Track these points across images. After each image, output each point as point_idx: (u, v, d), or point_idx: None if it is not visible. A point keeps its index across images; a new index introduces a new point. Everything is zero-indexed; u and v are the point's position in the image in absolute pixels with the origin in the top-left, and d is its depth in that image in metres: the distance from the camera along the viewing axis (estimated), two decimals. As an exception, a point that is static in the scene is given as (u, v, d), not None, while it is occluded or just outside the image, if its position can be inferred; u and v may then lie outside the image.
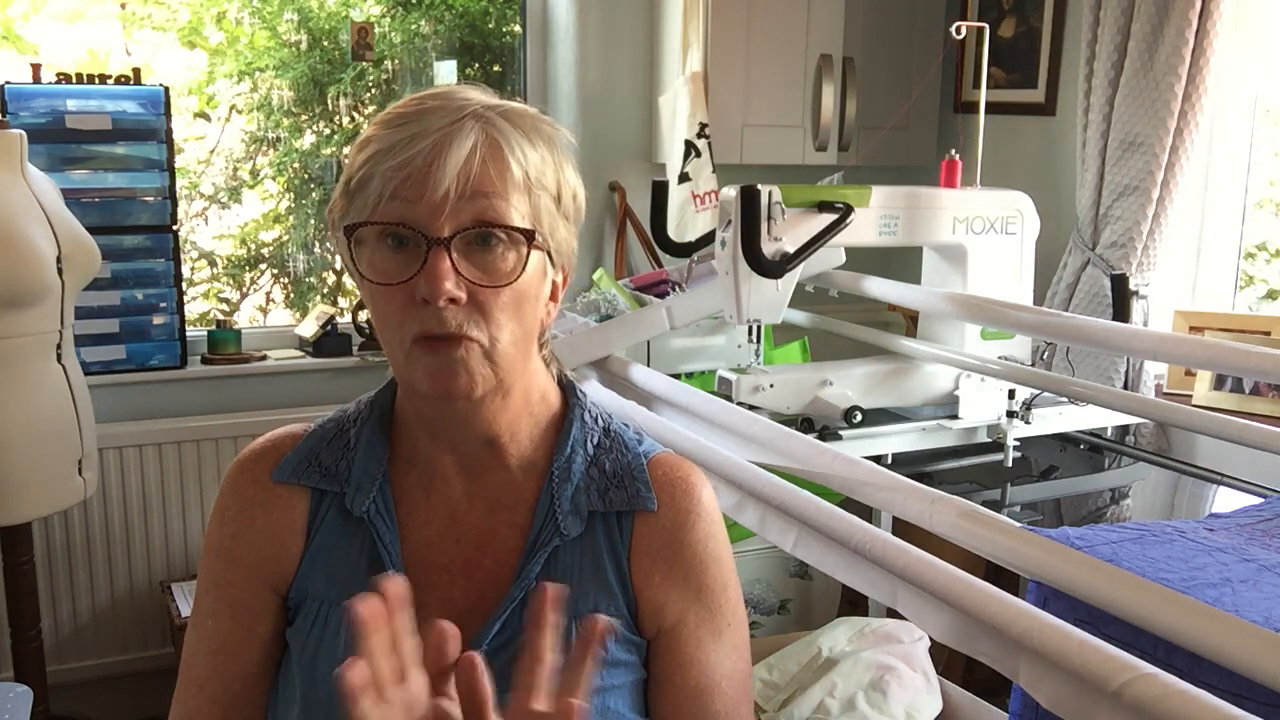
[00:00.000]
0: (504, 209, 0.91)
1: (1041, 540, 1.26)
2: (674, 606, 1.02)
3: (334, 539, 1.02)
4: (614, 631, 0.98)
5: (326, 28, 3.30)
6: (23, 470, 2.32)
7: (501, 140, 0.92)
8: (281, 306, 3.52)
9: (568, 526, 1.00)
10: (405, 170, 0.89)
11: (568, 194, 0.99)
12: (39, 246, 2.28)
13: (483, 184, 0.90)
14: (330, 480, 1.03)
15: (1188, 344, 1.82)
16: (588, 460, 1.04)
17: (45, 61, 2.72)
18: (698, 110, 3.00)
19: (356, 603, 0.78)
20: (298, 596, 1.01)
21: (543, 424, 1.04)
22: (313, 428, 1.07)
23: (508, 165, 0.92)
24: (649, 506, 1.02)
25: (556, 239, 0.98)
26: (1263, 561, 1.34)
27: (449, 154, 0.89)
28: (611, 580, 1.01)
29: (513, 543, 1.01)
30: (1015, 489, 2.24)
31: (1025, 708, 1.30)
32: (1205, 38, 2.47)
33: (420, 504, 1.02)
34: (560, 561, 1.00)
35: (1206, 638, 1.06)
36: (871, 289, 2.31)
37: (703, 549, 1.03)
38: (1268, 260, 2.92)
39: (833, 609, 2.90)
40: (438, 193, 0.89)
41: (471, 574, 1.01)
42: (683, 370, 2.49)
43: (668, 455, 1.07)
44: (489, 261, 0.92)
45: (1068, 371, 2.60)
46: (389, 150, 0.90)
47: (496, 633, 0.98)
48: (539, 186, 0.94)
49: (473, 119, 0.92)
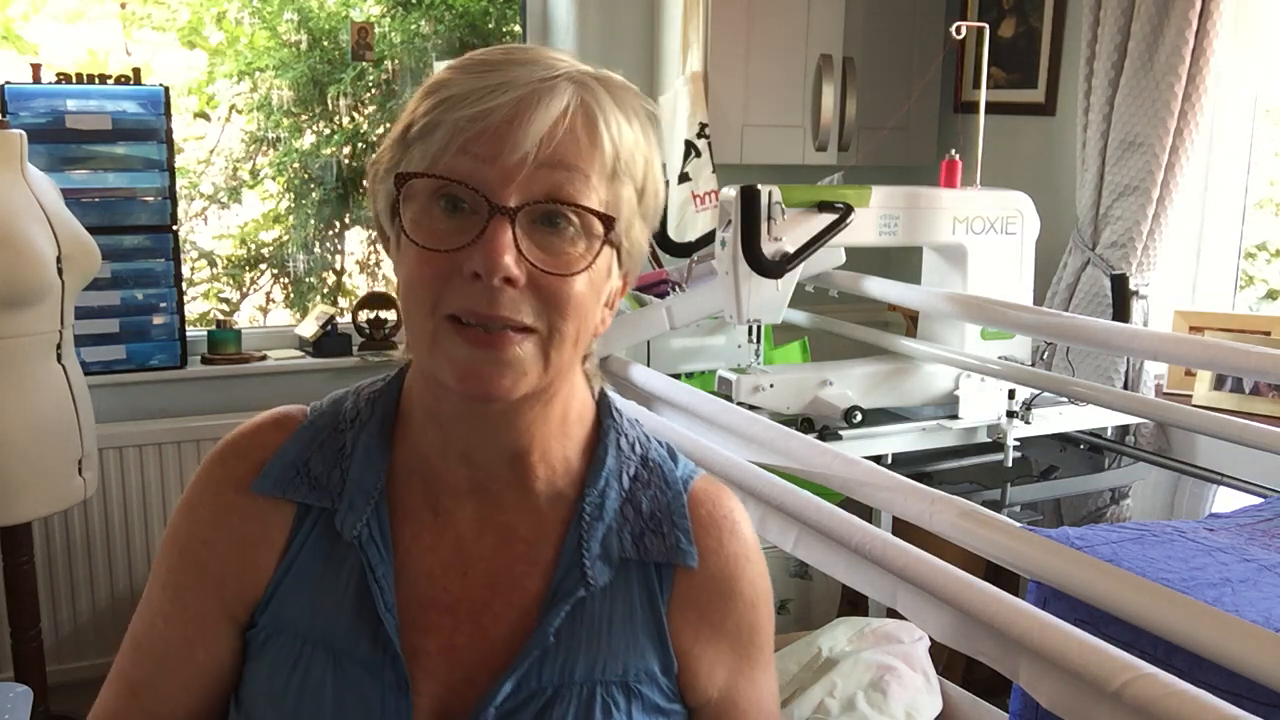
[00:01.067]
0: (583, 189, 0.78)
1: (1041, 540, 1.26)
2: (727, 664, 0.92)
3: (319, 565, 0.87)
4: (641, 699, 0.87)
5: (326, 28, 3.30)
6: (23, 470, 2.32)
7: (598, 110, 0.79)
8: (281, 306, 3.52)
9: (595, 574, 0.86)
10: (481, 124, 0.76)
11: (652, 189, 0.86)
12: (39, 246, 2.28)
13: (567, 155, 0.77)
14: (319, 494, 0.88)
15: (1188, 344, 1.82)
16: (622, 497, 0.89)
17: (45, 61, 2.72)
18: (698, 110, 3.00)
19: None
20: (269, 626, 0.87)
21: (575, 446, 0.90)
22: (305, 419, 0.92)
23: (600, 139, 0.79)
24: (689, 563, 0.88)
25: (631, 238, 0.85)
26: (1263, 561, 1.34)
27: (535, 113, 0.76)
28: (645, 637, 0.88)
29: (530, 585, 0.87)
30: (1015, 489, 2.24)
31: (1025, 708, 1.30)
32: (1205, 38, 2.46)
33: (425, 527, 0.87)
34: (586, 614, 0.86)
35: (1206, 638, 1.06)
36: (871, 289, 2.31)
37: (754, 592, 0.93)
38: (1268, 260, 2.92)
39: (833, 609, 2.90)
40: (514, 156, 0.76)
41: (479, 618, 0.86)
42: (683, 370, 2.48)
43: (707, 486, 0.93)
44: (556, 245, 0.79)
45: (1068, 371, 2.60)
46: (465, 97, 0.77)
47: (508, 694, 0.84)
48: (626, 173, 0.81)
49: (568, 80, 0.79)
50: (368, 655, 0.84)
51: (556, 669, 0.85)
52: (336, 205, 3.38)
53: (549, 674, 0.85)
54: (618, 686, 0.86)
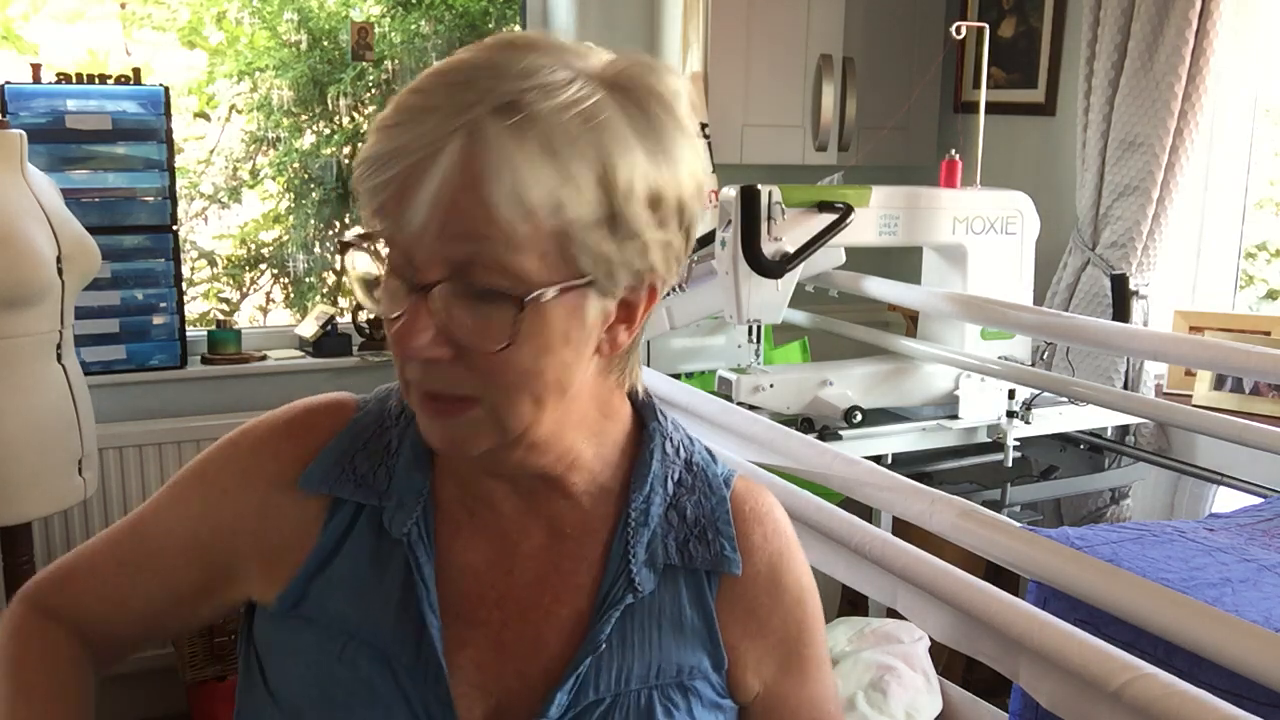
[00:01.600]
0: (502, 252, 0.71)
1: (1041, 540, 1.27)
2: (775, 656, 0.92)
3: (365, 562, 0.87)
4: (699, 697, 0.88)
5: (326, 28, 3.30)
6: (23, 470, 2.32)
7: (485, 169, 0.71)
8: (281, 306, 3.52)
9: (642, 581, 0.86)
10: (380, 198, 0.73)
11: (635, 203, 0.75)
12: (39, 246, 2.28)
13: (465, 225, 0.71)
14: (366, 491, 0.87)
15: (1188, 344, 1.82)
16: (666, 502, 0.89)
17: (45, 61, 2.72)
18: (698, 110, 3.00)
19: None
20: (308, 614, 0.87)
21: (610, 443, 0.89)
22: (358, 410, 0.92)
23: (488, 202, 0.70)
24: (733, 570, 0.89)
25: (608, 265, 0.76)
26: (1263, 561, 1.34)
27: (419, 187, 0.71)
28: (695, 638, 0.88)
29: (580, 580, 0.87)
30: (1015, 489, 2.24)
31: (1025, 708, 1.30)
32: (1205, 38, 2.46)
33: (464, 525, 0.88)
34: (636, 620, 0.87)
35: (1206, 638, 1.06)
36: (871, 289, 2.31)
37: (799, 589, 0.93)
38: (1268, 260, 2.92)
39: (833, 609, 2.90)
40: (413, 227, 0.72)
41: (528, 614, 0.86)
42: (683, 370, 2.48)
43: (746, 485, 0.94)
44: (485, 312, 0.73)
45: (1068, 371, 2.60)
46: (371, 163, 0.74)
47: (565, 705, 0.84)
48: (556, 213, 0.72)
49: (464, 132, 0.71)
50: (412, 658, 0.84)
51: (612, 677, 0.85)
52: (336, 205, 3.38)
53: (605, 683, 0.85)
54: (674, 687, 0.87)
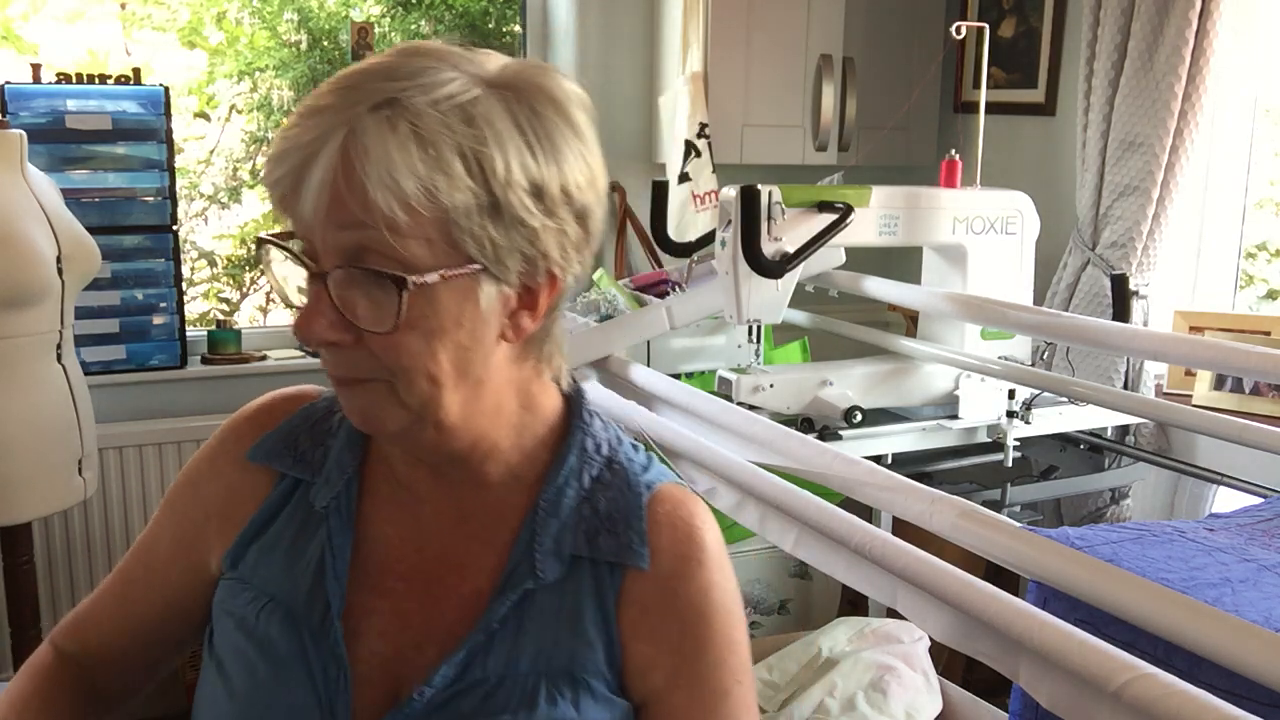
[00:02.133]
0: (383, 240, 0.77)
1: (1041, 540, 1.26)
2: (666, 664, 0.89)
3: (293, 531, 0.94)
4: (589, 691, 0.88)
5: (326, 28, 3.30)
6: (23, 470, 2.32)
7: (357, 162, 0.76)
8: (281, 306, 3.52)
9: (545, 569, 0.88)
10: (280, 190, 0.80)
11: (515, 192, 0.79)
12: (39, 246, 2.28)
13: (346, 212, 0.77)
14: (302, 467, 0.95)
15: (1188, 344, 1.82)
16: (580, 496, 0.91)
17: (45, 61, 2.72)
18: (698, 110, 3.00)
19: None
20: (243, 576, 0.94)
21: (532, 435, 0.92)
22: (315, 400, 1.01)
23: (363, 188, 0.76)
24: (640, 564, 0.89)
25: (495, 250, 0.80)
26: (1263, 561, 1.34)
27: (308, 182, 0.78)
28: (592, 631, 0.89)
29: (485, 562, 0.90)
30: (1015, 489, 2.24)
31: (1025, 708, 1.30)
32: (1205, 38, 2.47)
33: (388, 500, 0.94)
34: (534, 606, 0.89)
35: (1206, 638, 1.06)
36: (871, 289, 2.31)
37: (703, 599, 0.90)
38: (1268, 260, 2.92)
39: (833, 609, 2.90)
40: (303, 222, 0.79)
41: (432, 588, 0.90)
42: (683, 370, 2.48)
43: (672, 490, 0.94)
44: (377, 297, 0.78)
45: (1068, 371, 2.60)
46: (270, 161, 0.81)
47: (451, 680, 0.86)
48: (433, 200, 0.76)
49: (345, 127, 0.77)
50: (319, 621, 0.89)
51: (501, 660, 0.87)
52: (336, 205, 3.38)
53: (494, 664, 0.87)
54: (564, 677, 0.87)
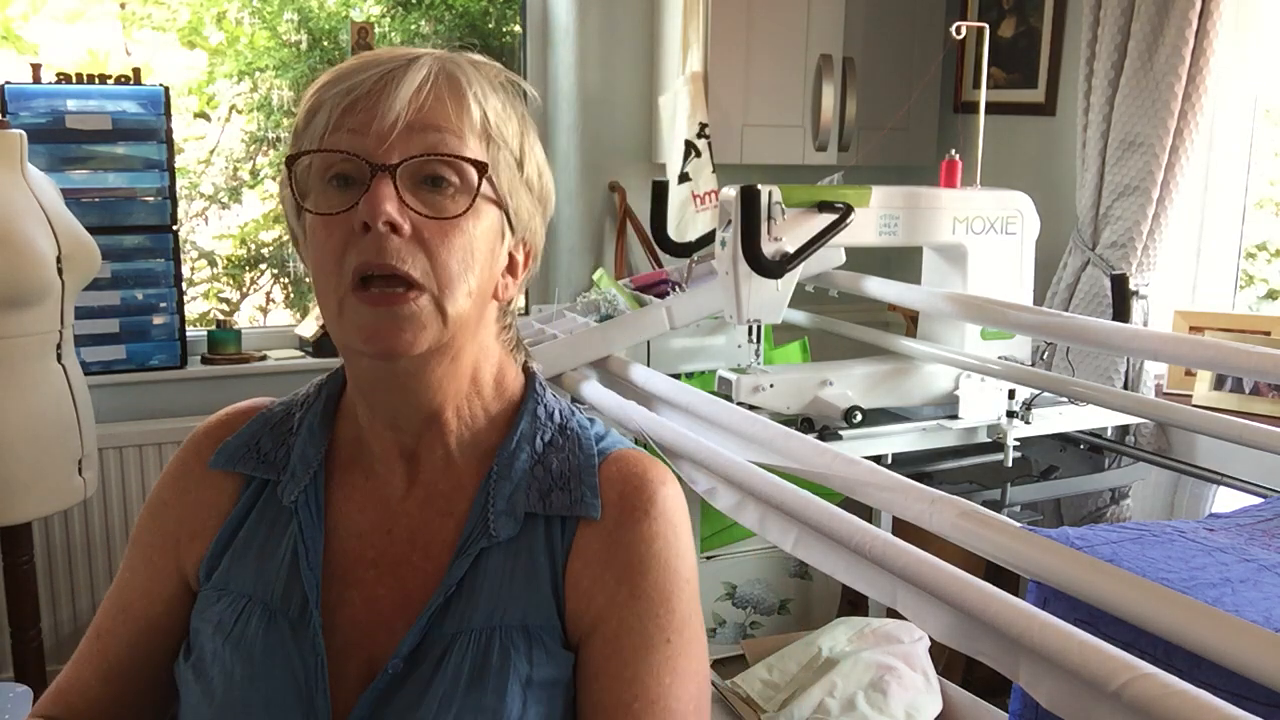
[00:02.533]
0: (457, 145, 0.85)
1: (1041, 540, 1.26)
2: (598, 605, 0.90)
3: (264, 531, 0.95)
4: (542, 644, 0.90)
5: (326, 28, 3.30)
6: (23, 470, 2.32)
7: (460, 75, 0.87)
8: (281, 306, 3.52)
9: (498, 528, 0.91)
10: (352, 95, 0.84)
11: (532, 165, 0.92)
12: (39, 246, 2.28)
13: (435, 117, 0.85)
14: (268, 468, 0.97)
15: (1188, 344, 1.82)
16: (534, 459, 0.94)
17: (45, 61, 2.72)
18: (698, 110, 3.00)
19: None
20: (219, 586, 0.95)
21: (494, 409, 0.96)
22: (269, 408, 1.03)
23: (464, 101, 0.86)
24: (591, 514, 0.91)
25: (516, 202, 0.91)
26: (1263, 561, 1.33)
27: (401, 81, 0.84)
28: (544, 589, 0.91)
29: (445, 537, 0.93)
30: (1015, 489, 2.24)
31: (1025, 708, 1.30)
32: (1205, 38, 2.46)
33: (357, 491, 0.96)
34: (489, 565, 0.91)
35: (1206, 638, 1.06)
36: (871, 289, 2.31)
37: (645, 549, 0.91)
38: (1268, 260, 2.92)
39: (833, 609, 2.90)
40: (386, 121, 0.83)
41: (399, 570, 0.92)
42: (683, 370, 2.48)
43: (628, 452, 0.96)
44: (437, 200, 0.85)
45: (1068, 371, 2.60)
46: (337, 78, 0.86)
47: (413, 647, 0.88)
48: (499, 137, 0.88)
49: (430, 57, 0.87)
50: (296, 613, 0.91)
51: (457, 619, 0.90)
52: (336, 205, 3.38)
53: (451, 622, 0.89)
54: (518, 630, 0.89)
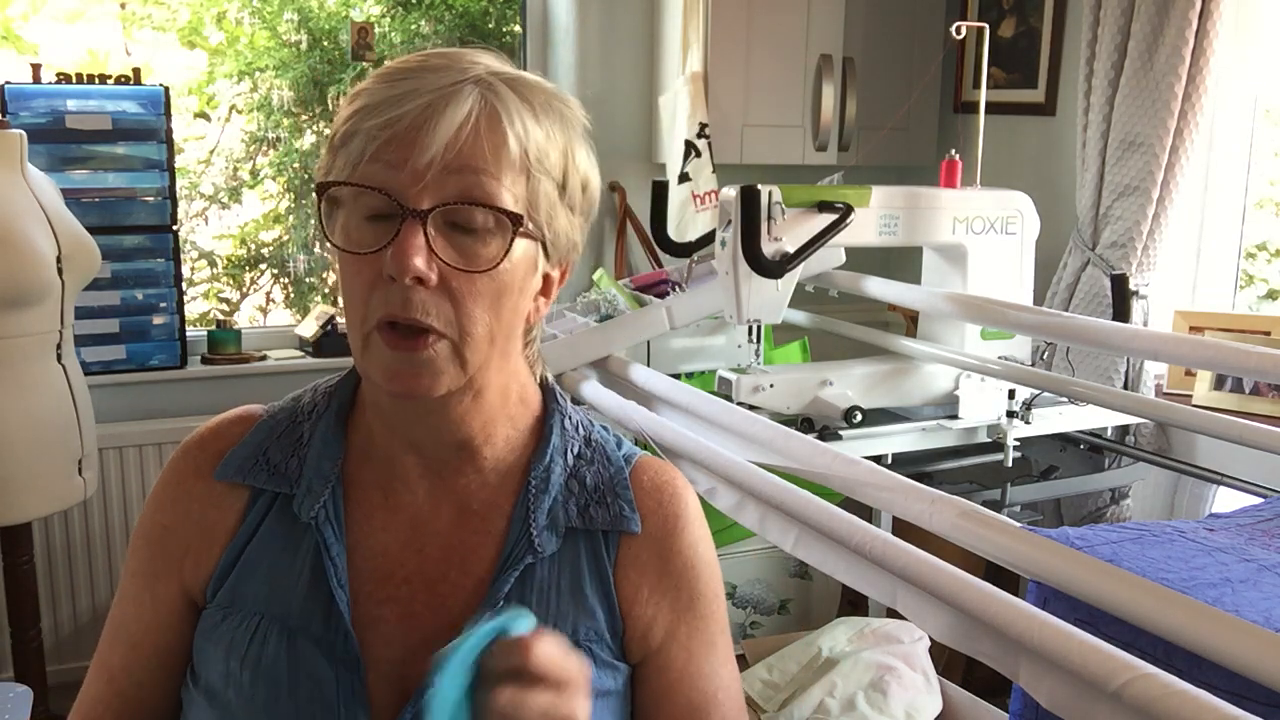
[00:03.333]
0: (494, 188, 0.82)
1: (1041, 540, 1.26)
2: (664, 620, 0.94)
3: (276, 546, 0.91)
4: (593, 656, 0.91)
5: (326, 28, 3.30)
6: (23, 470, 2.32)
7: (502, 111, 0.82)
8: (281, 306, 3.52)
9: (543, 543, 0.91)
10: (390, 130, 0.80)
11: (575, 181, 0.89)
12: (39, 246, 2.28)
13: (473, 157, 0.81)
14: (279, 480, 0.93)
15: (1188, 344, 1.82)
16: (567, 471, 0.95)
17: (45, 61, 2.72)
18: (698, 110, 3.00)
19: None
20: (226, 604, 0.91)
21: (520, 427, 0.95)
22: (265, 415, 0.98)
23: (504, 140, 0.82)
24: (632, 529, 0.94)
25: (555, 228, 0.88)
26: (1263, 561, 1.33)
27: (441, 118, 0.80)
28: (593, 600, 0.92)
29: (485, 552, 0.92)
30: (1015, 489, 2.24)
31: (1025, 708, 1.30)
32: (1205, 38, 2.46)
33: (379, 507, 0.92)
34: (535, 580, 0.91)
35: (1206, 638, 1.06)
36: (871, 289, 2.31)
37: (693, 554, 0.96)
38: (1268, 260, 2.92)
39: (833, 609, 2.90)
40: (422, 160, 0.80)
41: (436, 587, 0.90)
42: (683, 370, 2.48)
43: (649, 460, 0.99)
44: (469, 245, 0.82)
45: (1068, 371, 2.59)
46: (376, 107, 0.81)
47: None
48: (540, 169, 0.85)
49: (474, 84, 0.82)
50: (320, 631, 0.87)
51: None
52: (336, 205, 3.38)
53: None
54: (568, 643, 0.88)
